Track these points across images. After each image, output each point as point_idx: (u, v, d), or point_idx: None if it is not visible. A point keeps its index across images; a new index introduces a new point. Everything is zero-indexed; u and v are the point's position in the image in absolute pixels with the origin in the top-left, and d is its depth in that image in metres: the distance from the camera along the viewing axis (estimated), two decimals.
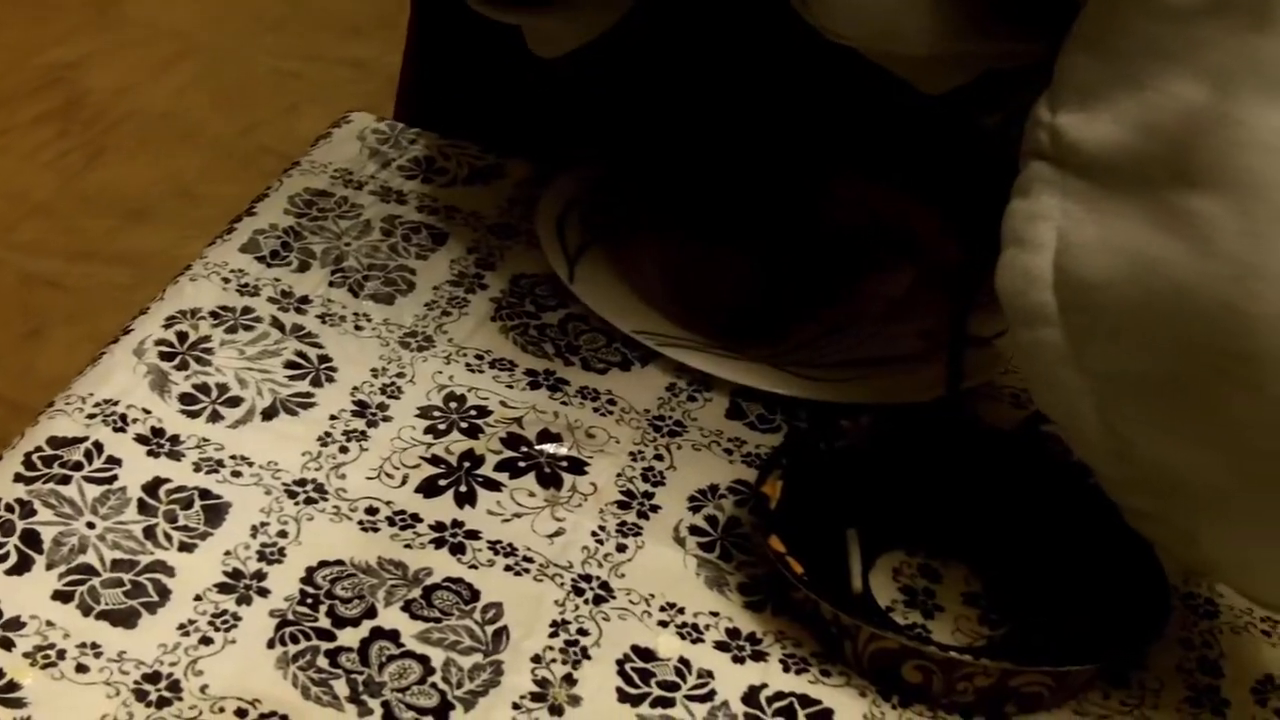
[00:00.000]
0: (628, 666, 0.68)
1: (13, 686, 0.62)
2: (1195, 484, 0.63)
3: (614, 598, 0.71)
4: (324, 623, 0.67)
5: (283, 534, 0.71)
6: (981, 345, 0.91)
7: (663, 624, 0.71)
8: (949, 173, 0.86)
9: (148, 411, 0.75)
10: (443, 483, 0.75)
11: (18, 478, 0.71)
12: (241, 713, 0.63)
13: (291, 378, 0.79)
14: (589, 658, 0.68)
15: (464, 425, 0.78)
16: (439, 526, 0.73)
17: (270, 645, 0.66)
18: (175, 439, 0.74)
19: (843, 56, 0.78)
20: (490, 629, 0.69)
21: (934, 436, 0.79)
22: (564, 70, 0.88)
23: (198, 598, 0.67)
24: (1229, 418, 0.59)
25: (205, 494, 0.72)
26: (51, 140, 2.24)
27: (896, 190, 0.96)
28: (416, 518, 0.73)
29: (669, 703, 0.67)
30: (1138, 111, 0.60)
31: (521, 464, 0.77)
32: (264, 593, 0.68)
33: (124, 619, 0.66)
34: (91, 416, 0.74)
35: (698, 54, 0.93)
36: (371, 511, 0.73)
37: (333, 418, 0.77)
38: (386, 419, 0.78)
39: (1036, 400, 0.66)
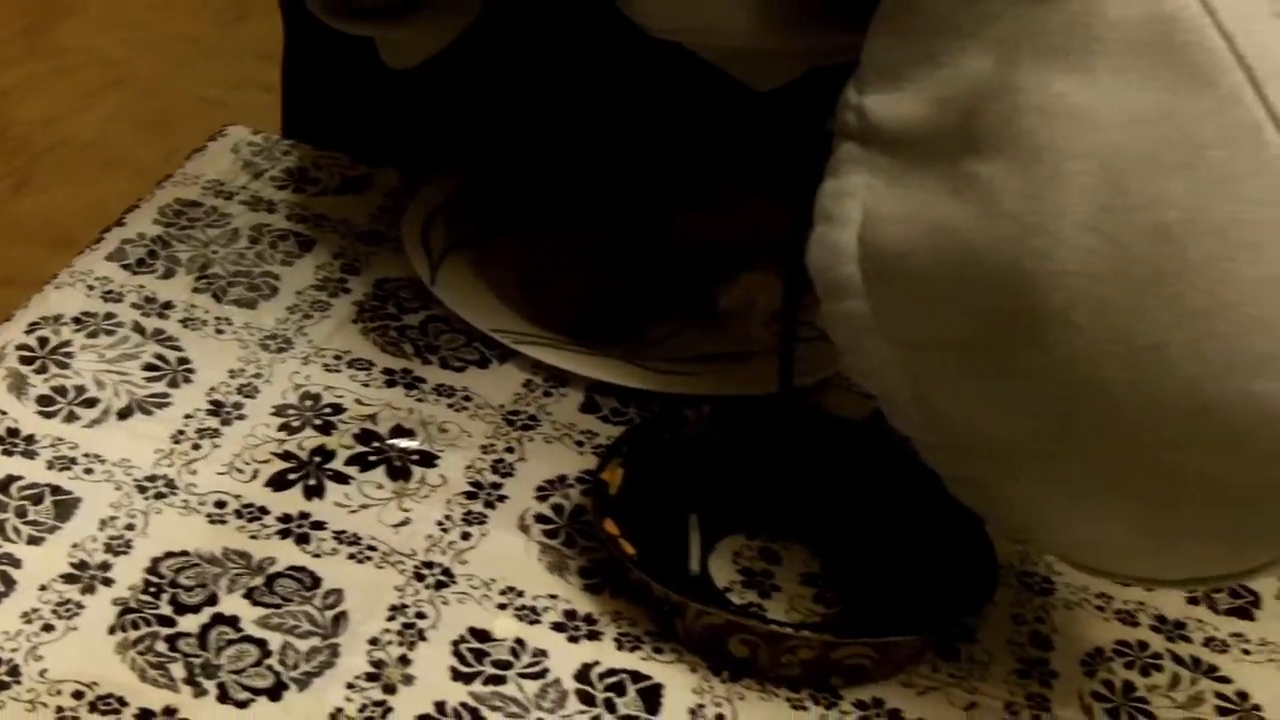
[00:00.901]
0: (463, 647, 0.71)
1: None
2: (1000, 447, 0.65)
3: (455, 583, 0.74)
4: (165, 610, 0.70)
5: (130, 527, 0.73)
6: (829, 338, 0.93)
7: (501, 607, 0.73)
8: (794, 172, 0.89)
9: (4, 413, 0.77)
10: (292, 477, 0.77)
11: None
12: (78, 695, 0.65)
13: (149, 379, 0.81)
14: (425, 639, 0.71)
15: (318, 422, 0.81)
16: (286, 518, 0.75)
17: (111, 631, 0.68)
18: (30, 438, 0.77)
19: (689, 62, 0.81)
20: (330, 614, 0.71)
21: (774, 425, 0.82)
22: (423, 81, 0.91)
23: (42, 588, 0.69)
24: (1022, 376, 0.61)
25: (56, 490, 0.74)
26: None
27: (751, 193, 0.98)
28: (264, 510, 0.75)
29: (501, 680, 0.70)
30: (934, 87, 0.63)
31: (372, 458, 0.79)
32: (108, 582, 0.70)
33: None
34: None
35: (545, 61, 0.95)
36: (220, 505, 0.75)
37: (187, 416, 0.79)
38: (241, 417, 0.80)
39: (850, 372, 0.69)
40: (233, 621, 0.70)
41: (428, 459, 0.80)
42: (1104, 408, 0.59)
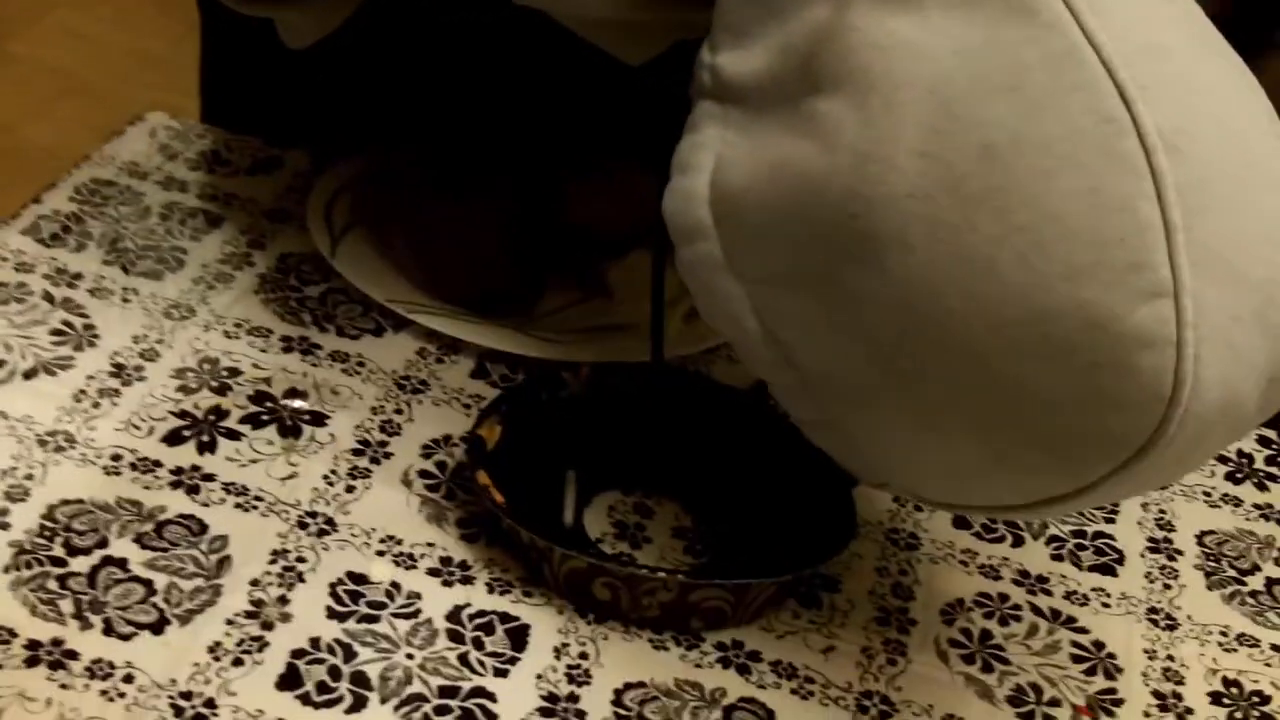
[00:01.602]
0: (339, 589, 0.74)
1: None
2: (843, 382, 0.69)
3: (336, 531, 0.77)
4: (58, 552, 0.73)
5: (29, 477, 0.76)
6: None
7: (380, 553, 0.77)
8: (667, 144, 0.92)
9: None
10: (186, 433, 0.81)
11: None
12: None
13: (55, 343, 0.85)
14: (304, 581, 0.74)
15: (214, 384, 0.84)
16: (178, 471, 0.79)
17: (5, 571, 0.72)
18: None
19: (570, 41, 0.84)
20: (215, 558, 0.74)
21: (647, 387, 0.85)
22: (329, 62, 0.95)
23: None
24: (862, 301, 0.65)
25: None
26: None
27: (644, 172, 1.02)
28: (158, 463, 0.79)
29: (375, 619, 0.73)
30: (778, 38, 0.67)
31: (265, 417, 0.83)
32: (4, 526, 0.74)
33: None
34: None
35: (439, 39, 0.99)
36: (116, 458, 0.79)
37: (89, 377, 0.83)
38: (141, 379, 0.84)
39: (705, 316, 0.72)
40: (121, 563, 0.73)
41: (318, 419, 0.84)
42: (941, 324, 0.62)
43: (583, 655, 0.74)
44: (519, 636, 0.74)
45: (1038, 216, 0.60)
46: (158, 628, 0.70)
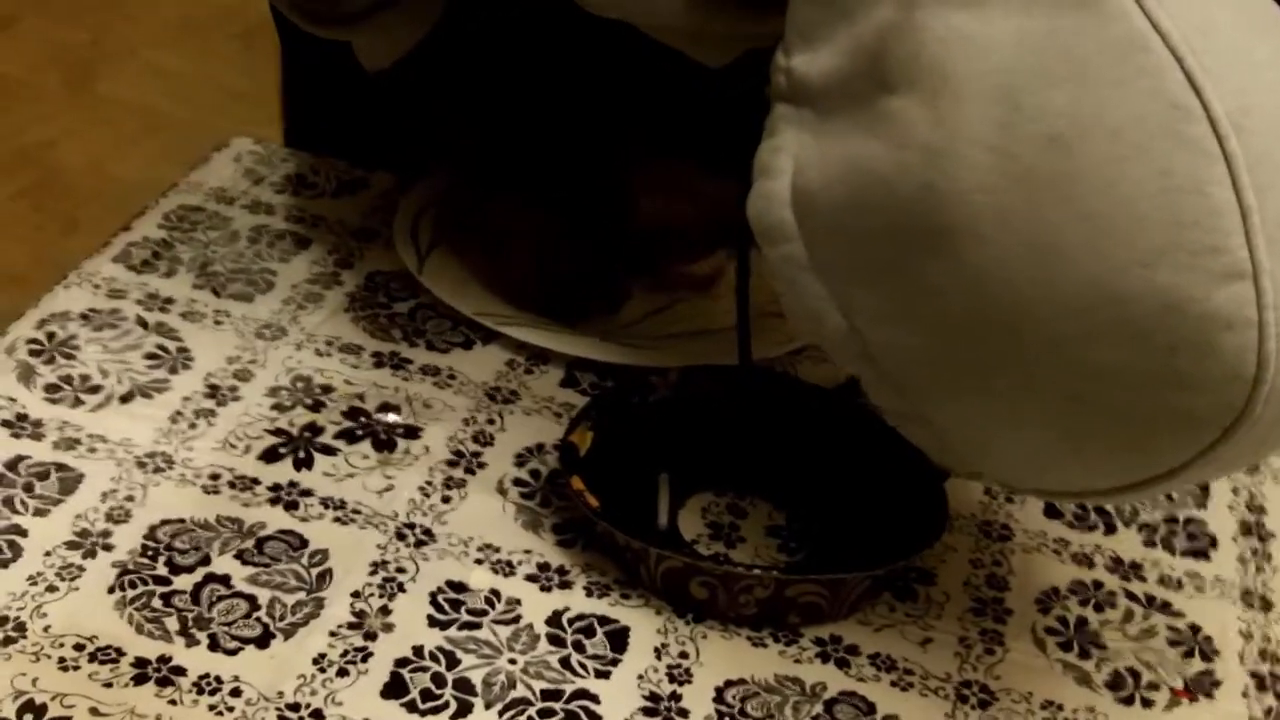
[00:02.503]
0: (440, 598, 0.76)
1: None
2: (923, 374, 0.69)
3: (435, 541, 0.79)
4: (161, 571, 0.75)
5: (130, 499, 0.78)
6: None
7: (478, 561, 0.78)
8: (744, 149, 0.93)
9: (13, 400, 0.83)
10: (283, 450, 0.82)
11: None
12: (79, 647, 0.71)
13: (150, 366, 0.87)
14: (404, 591, 0.76)
15: (308, 401, 0.86)
16: (276, 488, 0.80)
17: (110, 591, 0.73)
18: (37, 423, 0.82)
19: (648, 45, 0.85)
20: (315, 571, 0.76)
21: (736, 388, 0.86)
22: (411, 84, 0.96)
23: (47, 554, 0.75)
24: (938, 294, 0.65)
25: (61, 467, 0.79)
26: (26, 214, 2.34)
27: (710, 175, 1.03)
28: (256, 481, 0.80)
29: (476, 626, 0.74)
30: (848, 39, 0.68)
31: (359, 432, 0.84)
32: (109, 548, 0.75)
33: None
34: None
35: (511, 52, 1.00)
36: (214, 477, 0.80)
37: (185, 399, 0.85)
38: (236, 399, 0.85)
39: (791, 318, 0.73)
40: (224, 580, 0.75)
41: (412, 431, 0.85)
42: (1016, 313, 0.63)
43: (683, 654, 0.75)
44: (619, 638, 0.75)
45: (1109, 203, 0.60)
46: (262, 641, 0.72)
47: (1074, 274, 0.61)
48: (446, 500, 0.81)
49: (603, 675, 0.73)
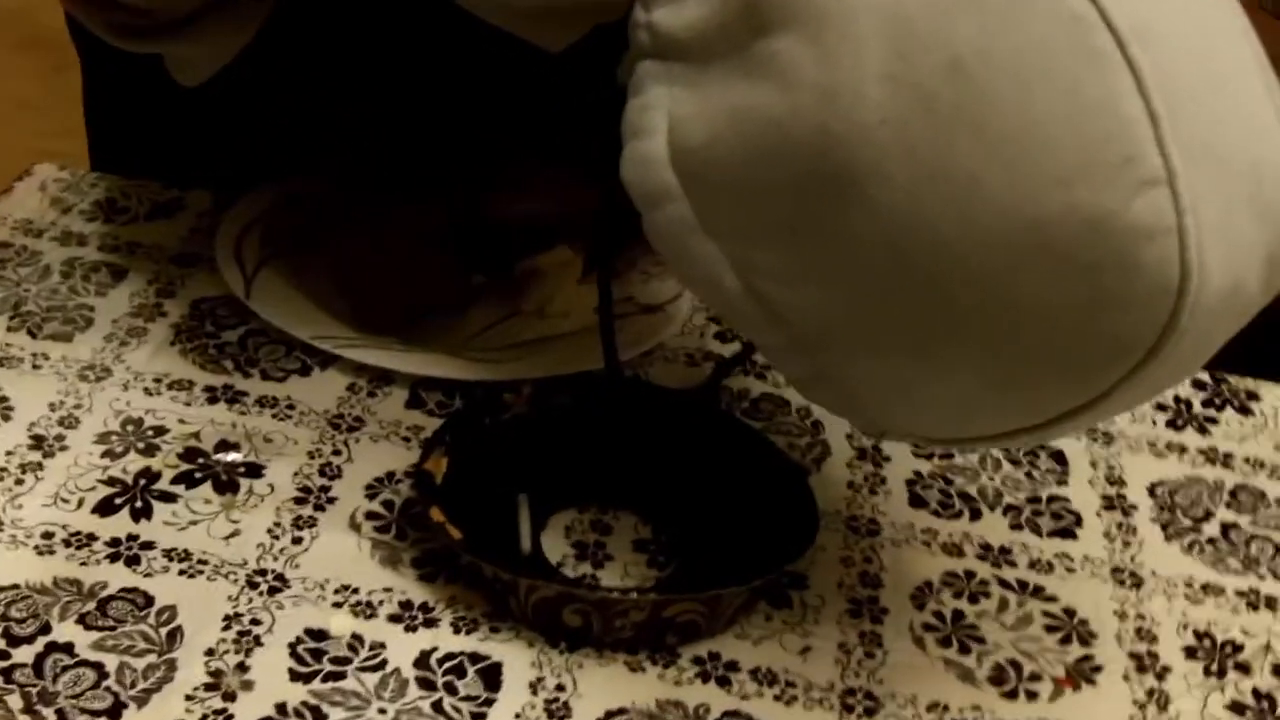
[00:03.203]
0: (300, 648, 0.72)
1: None
2: (835, 329, 0.66)
3: (289, 587, 0.75)
4: None
5: None
6: (652, 311, 0.95)
7: (337, 605, 0.74)
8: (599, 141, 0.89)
9: None
10: (119, 501, 0.78)
11: None
12: None
13: None
14: (261, 645, 0.72)
15: (141, 445, 0.81)
16: (115, 542, 0.76)
17: None
18: None
19: (488, 43, 0.82)
20: (164, 630, 0.72)
21: (593, 400, 0.83)
22: (227, 95, 0.92)
23: None
24: (846, 241, 0.62)
25: None
26: None
27: (567, 173, 1.00)
28: (92, 536, 0.76)
29: (340, 676, 0.71)
30: None
31: (198, 475, 0.80)
32: None
33: None
34: None
35: (343, 58, 0.96)
36: (47, 536, 0.75)
37: (8, 453, 0.80)
38: (64, 448, 0.80)
39: (681, 281, 0.69)
40: (67, 648, 0.70)
41: (254, 470, 0.81)
42: (933, 251, 0.60)
43: (559, 687, 0.72)
44: (492, 676, 0.72)
45: (1018, 126, 0.58)
46: (114, 713, 0.68)
47: (990, 203, 0.59)
48: (298, 541, 0.77)
49: (478, 717, 0.70)
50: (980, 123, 0.58)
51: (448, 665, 0.72)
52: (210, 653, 0.71)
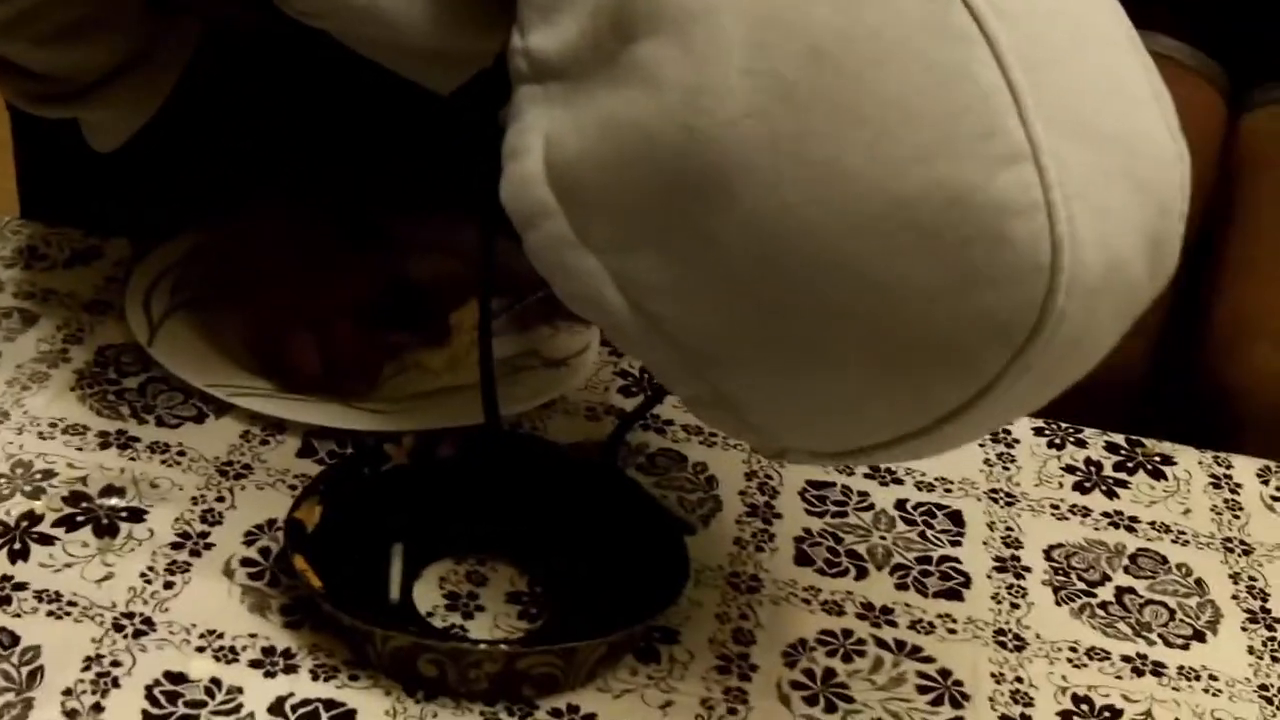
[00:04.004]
0: (156, 690, 0.73)
1: None
2: (716, 339, 0.65)
3: (154, 630, 0.76)
4: None
5: None
6: (555, 366, 0.96)
7: (200, 649, 0.75)
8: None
9: None
10: None
11: None
12: None
13: None
14: (119, 686, 0.72)
15: (27, 488, 0.82)
16: None
17: None
18: None
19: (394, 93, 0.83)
20: (25, 670, 0.72)
21: (476, 451, 0.84)
22: (146, 148, 0.93)
23: None
24: (714, 240, 0.62)
25: None
26: None
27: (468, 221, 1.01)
28: None
29: (194, 719, 0.71)
30: (586, 3, 0.65)
31: (80, 519, 0.81)
32: None
33: None
34: None
35: (252, 108, 0.98)
36: None
37: None
38: None
39: (565, 300, 0.69)
40: None
41: (136, 515, 0.82)
42: (802, 241, 0.60)
43: None
44: None
45: (877, 106, 0.59)
46: None
47: (856, 185, 0.59)
48: (169, 586, 0.78)
49: None
50: (839, 105, 0.59)
51: (302, 711, 0.73)
52: (68, 693, 0.72)
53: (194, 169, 0.99)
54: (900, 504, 0.92)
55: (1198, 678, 0.83)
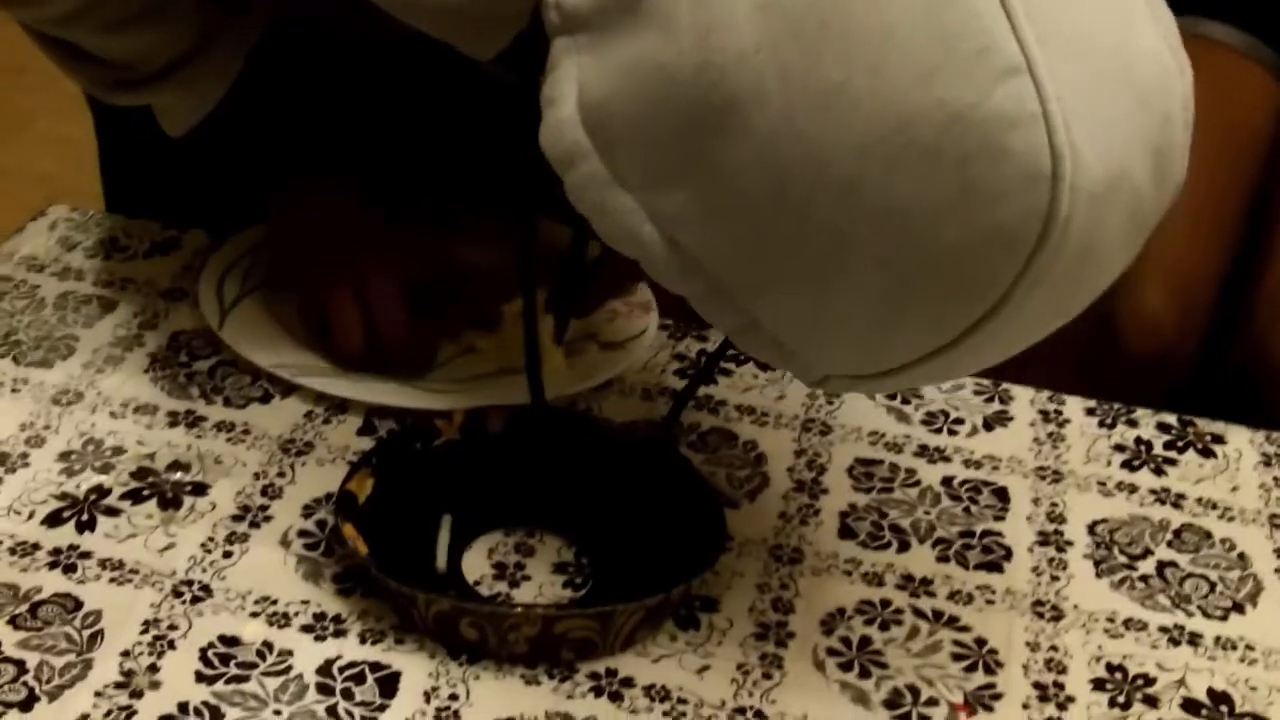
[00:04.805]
0: (210, 653, 0.76)
1: None
2: (738, 266, 0.69)
3: (212, 597, 0.79)
4: None
5: None
6: (612, 348, 0.99)
7: (254, 615, 0.78)
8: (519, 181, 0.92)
9: None
10: (66, 514, 0.83)
11: None
12: None
13: None
14: (174, 648, 0.76)
15: (97, 464, 0.86)
16: (56, 551, 0.81)
17: None
18: None
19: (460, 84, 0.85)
20: (87, 633, 0.76)
21: (525, 426, 0.87)
22: (221, 141, 0.97)
23: None
24: (731, 170, 0.65)
25: None
26: None
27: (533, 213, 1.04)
28: (36, 546, 0.81)
29: (245, 679, 0.75)
30: None
31: (145, 492, 0.85)
32: None
33: None
34: None
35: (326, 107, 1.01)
36: None
37: None
38: (25, 465, 0.86)
39: (605, 239, 0.72)
40: None
41: (200, 489, 0.86)
42: (813, 167, 0.63)
43: (453, 696, 0.75)
44: (389, 684, 0.75)
45: (877, 32, 0.62)
46: (26, 705, 0.72)
47: (860, 110, 0.62)
48: (228, 555, 0.81)
49: None
50: (842, 34, 0.62)
51: (349, 673, 0.76)
52: (126, 654, 0.75)
53: (266, 161, 1.03)
54: (947, 481, 0.94)
55: (1234, 648, 0.83)
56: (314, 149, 0.97)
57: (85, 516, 0.83)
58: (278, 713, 0.73)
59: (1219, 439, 1.00)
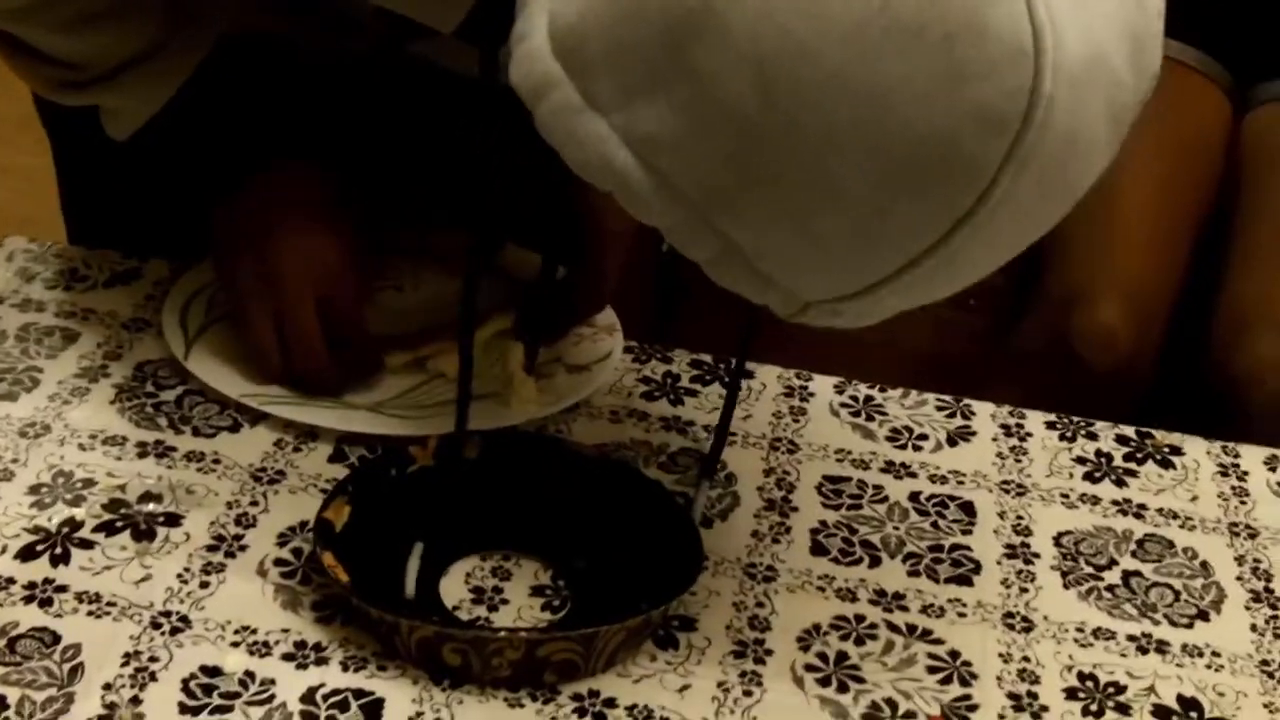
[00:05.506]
0: (193, 684, 0.76)
1: None
2: (721, 181, 0.67)
3: (191, 627, 0.79)
4: None
5: None
6: (578, 371, 0.99)
7: (234, 644, 0.78)
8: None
9: None
10: (40, 548, 0.82)
11: None
12: None
13: None
14: (156, 680, 0.76)
15: (68, 497, 0.86)
16: (31, 585, 0.80)
17: None
18: None
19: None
20: (67, 666, 0.76)
21: (498, 451, 0.87)
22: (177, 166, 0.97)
23: None
24: (709, 74, 0.65)
25: None
26: None
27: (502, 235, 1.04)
28: (11, 580, 0.80)
29: (228, 709, 0.75)
30: None
31: (119, 524, 0.85)
32: None
33: None
34: None
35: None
36: None
37: None
38: None
39: (577, 170, 0.71)
40: None
41: (173, 519, 0.85)
42: (795, 60, 0.63)
43: None
44: (373, 710, 0.76)
45: None
46: None
47: None
48: (205, 586, 0.81)
49: None
50: None
51: (332, 700, 0.76)
52: (107, 687, 0.75)
53: (210, 168, 1.02)
54: (914, 496, 0.95)
55: (1201, 654, 0.85)
56: (262, 156, 0.97)
57: (59, 550, 0.82)
58: None
59: (1177, 450, 1.01)
